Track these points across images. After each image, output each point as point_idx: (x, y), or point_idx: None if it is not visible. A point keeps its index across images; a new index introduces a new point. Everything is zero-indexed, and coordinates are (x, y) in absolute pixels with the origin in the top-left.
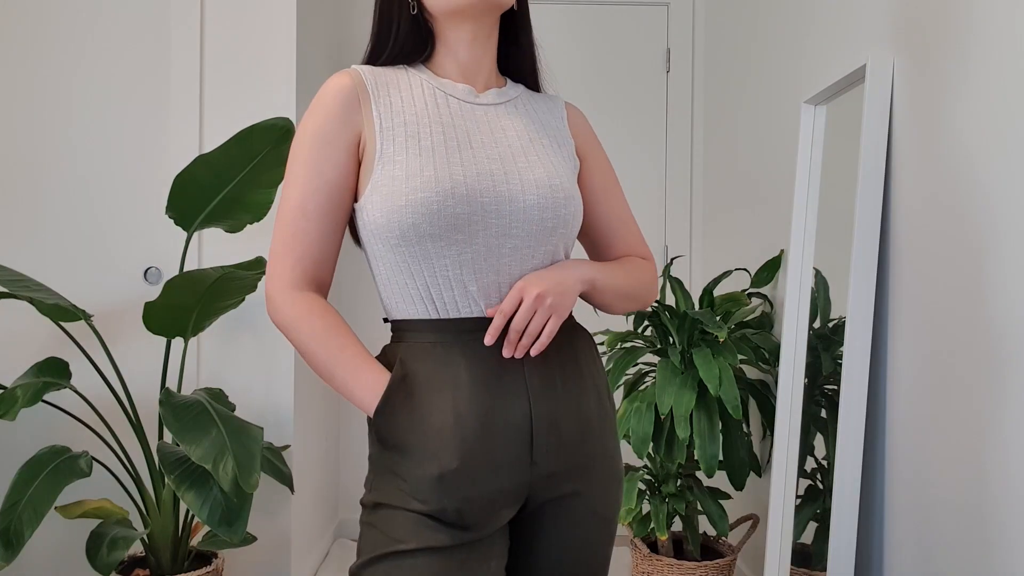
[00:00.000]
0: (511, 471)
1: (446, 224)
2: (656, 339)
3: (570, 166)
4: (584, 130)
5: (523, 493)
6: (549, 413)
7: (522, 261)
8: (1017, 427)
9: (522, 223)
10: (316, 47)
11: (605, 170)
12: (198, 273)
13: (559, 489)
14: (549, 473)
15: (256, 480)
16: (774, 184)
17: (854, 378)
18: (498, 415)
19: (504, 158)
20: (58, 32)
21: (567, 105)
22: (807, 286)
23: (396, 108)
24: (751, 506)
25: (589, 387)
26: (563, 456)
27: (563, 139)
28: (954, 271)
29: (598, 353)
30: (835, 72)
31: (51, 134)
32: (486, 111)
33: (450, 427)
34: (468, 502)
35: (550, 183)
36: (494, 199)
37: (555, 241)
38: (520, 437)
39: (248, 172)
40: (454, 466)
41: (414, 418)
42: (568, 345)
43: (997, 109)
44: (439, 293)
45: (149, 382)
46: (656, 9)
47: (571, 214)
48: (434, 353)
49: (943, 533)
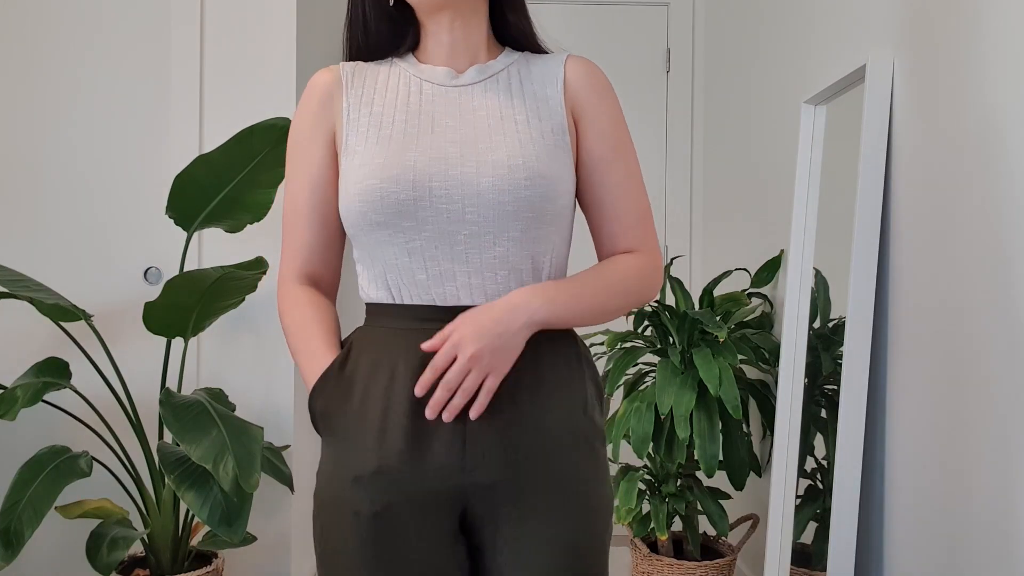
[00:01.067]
0: (439, 473)
1: (392, 211)
2: (656, 339)
3: (549, 142)
4: (585, 89)
5: (457, 500)
6: (491, 417)
7: (482, 249)
8: (1017, 426)
9: (477, 208)
10: (316, 47)
11: (605, 134)
12: (198, 273)
13: (509, 507)
14: (490, 484)
15: (256, 480)
16: (774, 184)
17: (854, 378)
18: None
19: (465, 140)
20: (58, 32)
21: (569, 62)
22: (807, 286)
23: (366, 99)
24: (751, 506)
25: (558, 398)
26: (511, 469)
27: (549, 110)
28: (954, 271)
29: (581, 359)
30: (835, 72)
31: (51, 134)
32: (460, 92)
33: (378, 420)
34: (388, 505)
35: (510, 163)
36: (444, 183)
37: (522, 227)
38: (450, 438)
39: (248, 172)
40: (373, 466)
41: (346, 407)
42: (531, 351)
43: (997, 109)
44: (394, 279)
45: (149, 382)
46: (656, 9)
47: (537, 196)
48: (383, 339)
49: (943, 533)
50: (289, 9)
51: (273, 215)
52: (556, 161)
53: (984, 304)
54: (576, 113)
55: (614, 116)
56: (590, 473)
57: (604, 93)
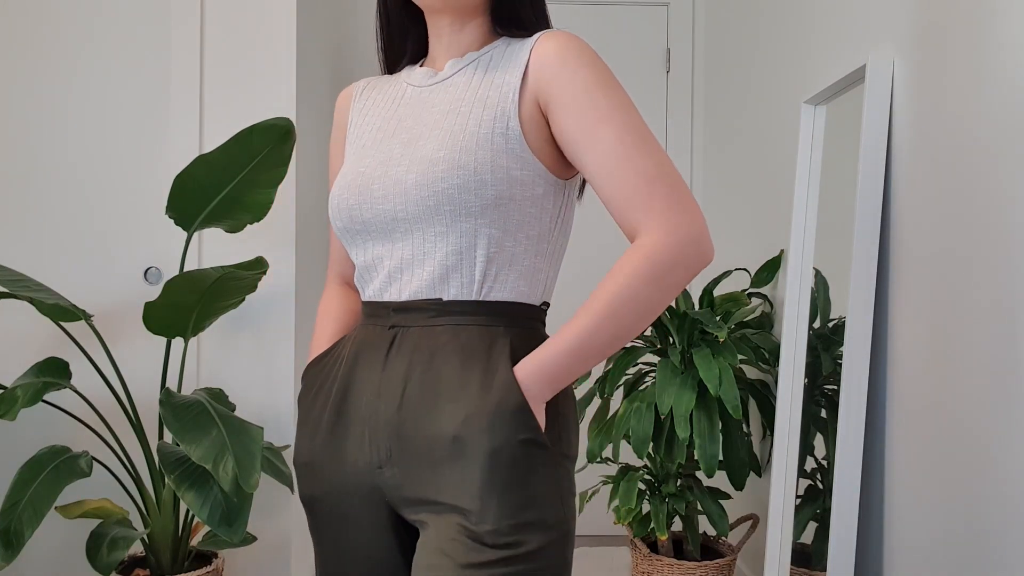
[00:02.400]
0: (354, 468)
1: (346, 216)
2: (656, 339)
3: (486, 130)
4: (547, 66)
5: (376, 492)
6: (388, 413)
7: (415, 245)
8: (1018, 426)
9: (406, 204)
10: (316, 47)
11: (582, 107)
12: (198, 273)
13: (416, 514)
14: (396, 484)
15: (256, 480)
16: (774, 184)
17: (854, 378)
18: (350, 404)
19: (411, 139)
20: (58, 32)
21: (539, 41)
22: (807, 286)
23: (365, 111)
24: (751, 506)
25: (451, 410)
26: (409, 473)
27: (499, 96)
28: (954, 271)
29: (497, 373)
30: (835, 72)
31: (51, 134)
32: (431, 91)
33: (317, 411)
34: (315, 495)
35: (431, 157)
36: (383, 184)
37: (445, 221)
38: (360, 433)
39: (248, 172)
40: (306, 457)
41: (307, 396)
42: (431, 350)
43: (997, 108)
44: (359, 276)
45: (149, 382)
46: (656, 9)
47: (456, 187)
48: (352, 334)
49: (943, 533)
50: (289, 9)
51: (273, 215)
52: (486, 150)
53: (984, 304)
54: (543, 95)
55: (588, 83)
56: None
57: (571, 64)
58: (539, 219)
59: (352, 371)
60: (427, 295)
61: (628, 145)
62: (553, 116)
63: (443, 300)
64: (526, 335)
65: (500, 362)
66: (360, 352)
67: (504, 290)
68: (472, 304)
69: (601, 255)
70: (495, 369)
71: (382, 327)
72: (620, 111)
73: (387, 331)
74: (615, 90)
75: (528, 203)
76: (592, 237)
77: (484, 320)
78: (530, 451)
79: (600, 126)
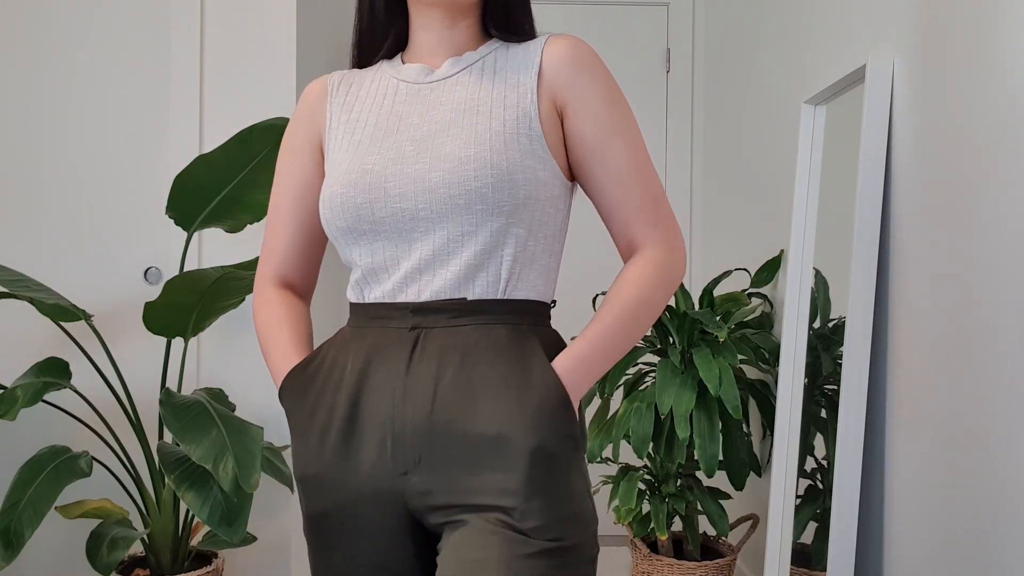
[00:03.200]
0: (371, 473)
1: (353, 215)
2: (656, 339)
3: (511, 131)
4: (565, 69)
5: (396, 499)
6: (417, 417)
7: (437, 244)
8: (1017, 426)
9: (430, 203)
10: (316, 47)
11: (597, 116)
12: (198, 273)
13: (441, 510)
14: (425, 491)
15: (256, 480)
16: (774, 184)
17: (854, 378)
18: (364, 411)
19: (424, 137)
20: (57, 32)
21: (548, 44)
22: (807, 286)
23: (347, 107)
24: (751, 506)
25: (491, 409)
26: (442, 478)
27: (518, 96)
28: (954, 271)
29: (534, 370)
30: (835, 72)
31: (51, 134)
32: (432, 88)
33: (323, 419)
34: (323, 509)
35: (460, 155)
36: (399, 182)
37: (475, 220)
38: (379, 439)
39: (248, 172)
40: (313, 469)
41: (303, 405)
42: (461, 350)
43: (997, 108)
44: (362, 279)
45: (149, 382)
46: (656, 9)
47: (490, 187)
48: (347, 338)
49: (943, 533)
50: (289, 9)
51: None
52: (515, 151)
53: (984, 304)
54: (560, 98)
55: (605, 94)
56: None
57: (588, 70)
58: (555, 219)
59: (365, 376)
60: (450, 295)
61: (639, 163)
62: (570, 120)
63: (467, 299)
64: (548, 332)
65: (535, 359)
66: (373, 356)
67: (525, 288)
68: (497, 303)
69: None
70: (531, 366)
71: (399, 329)
72: (632, 129)
73: (407, 333)
74: (626, 105)
75: (548, 203)
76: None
77: (510, 319)
78: (569, 446)
79: (615, 139)
